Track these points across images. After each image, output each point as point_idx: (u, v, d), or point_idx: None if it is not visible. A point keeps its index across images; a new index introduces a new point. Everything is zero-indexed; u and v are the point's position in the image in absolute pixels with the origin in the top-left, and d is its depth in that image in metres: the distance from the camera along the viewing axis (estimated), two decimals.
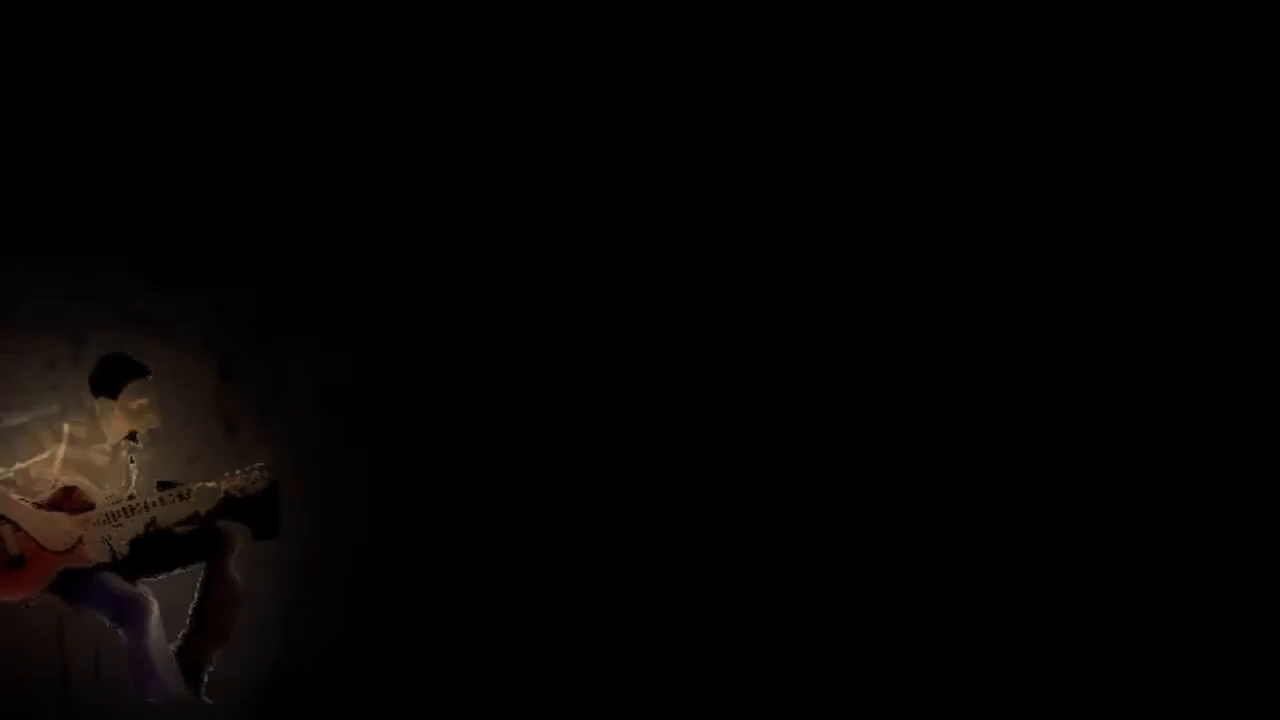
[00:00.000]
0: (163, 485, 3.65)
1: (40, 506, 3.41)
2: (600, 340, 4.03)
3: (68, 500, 3.45)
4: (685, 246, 4.02)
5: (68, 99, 3.69)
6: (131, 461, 3.61)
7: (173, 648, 3.52)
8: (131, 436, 3.61)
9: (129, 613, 3.43)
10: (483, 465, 4.25)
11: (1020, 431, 3.84)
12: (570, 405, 4.09)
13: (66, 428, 3.49)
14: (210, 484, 3.68)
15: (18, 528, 3.34)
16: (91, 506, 3.47)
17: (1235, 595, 3.57)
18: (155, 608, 3.49)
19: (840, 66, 3.93)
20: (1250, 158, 3.39)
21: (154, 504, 3.58)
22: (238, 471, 3.73)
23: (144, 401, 3.60)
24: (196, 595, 3.65)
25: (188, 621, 3.60)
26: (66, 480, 3.46)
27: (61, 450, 3.47)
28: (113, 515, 3.50)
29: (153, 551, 3.59)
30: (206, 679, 3.58)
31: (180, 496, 3.61)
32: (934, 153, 3.90)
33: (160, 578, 3.60)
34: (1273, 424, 3.54)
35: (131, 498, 3.55)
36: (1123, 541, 3.74)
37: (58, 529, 3.41)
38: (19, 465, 3.41)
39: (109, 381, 3.57)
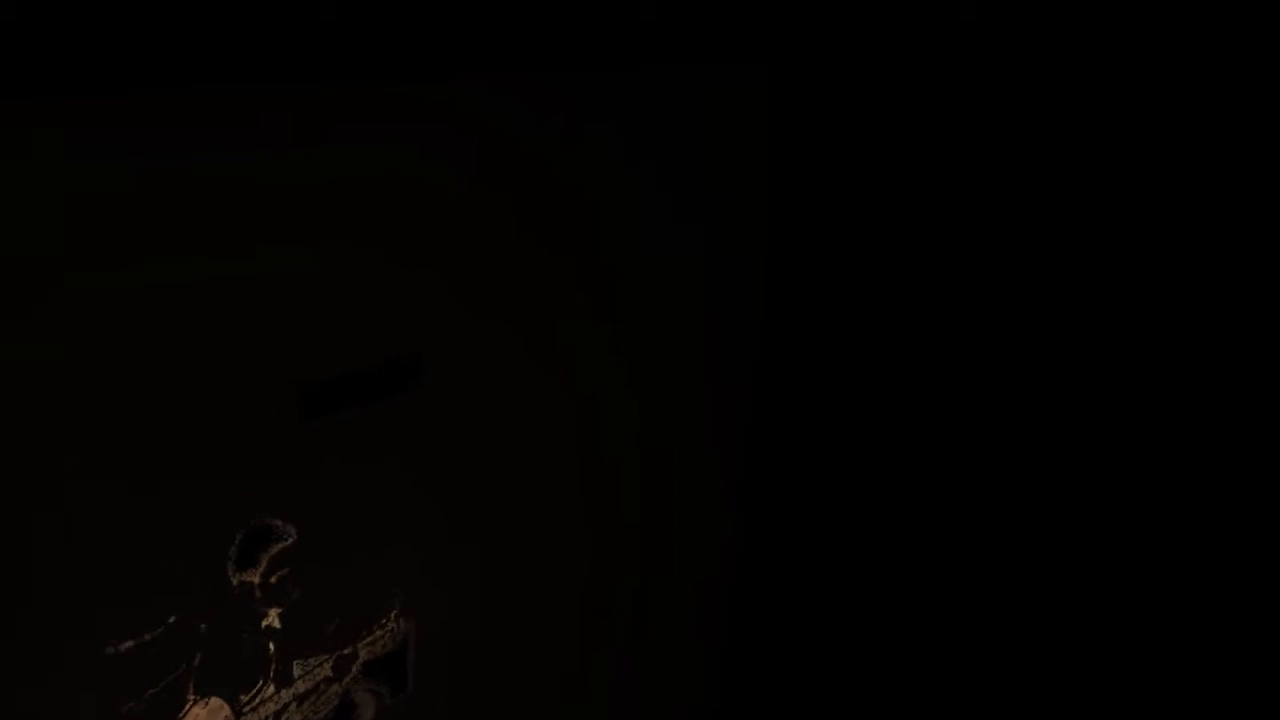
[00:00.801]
0: (301, 665, 2.86)
1: None
2: None
3: None
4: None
5: None
6: (271, 647, 2.78)
7: None
8: (270, 616, 2.76)
9: None
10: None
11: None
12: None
13: (203, 628, 2.60)
14: (346, 650, 2.97)
15: None
16: None
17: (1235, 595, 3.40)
18: None
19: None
20: (1250, 158, 3.14)
21: (294, 694, 2.82)
22: (375, 629, 3.03)
23: (286, 571, 2.76)
24: None
25: None
26: (200, 697, 2.62)
27: (197, 659, 2.60)
28: None
29: None
30: None
31: (320, 674, 2.88)
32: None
33: None
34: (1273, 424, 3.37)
35: (271, 692, 2.76)
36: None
37: None
38: (151, 690, 2.52)
39: (251, 556, 2.68)
